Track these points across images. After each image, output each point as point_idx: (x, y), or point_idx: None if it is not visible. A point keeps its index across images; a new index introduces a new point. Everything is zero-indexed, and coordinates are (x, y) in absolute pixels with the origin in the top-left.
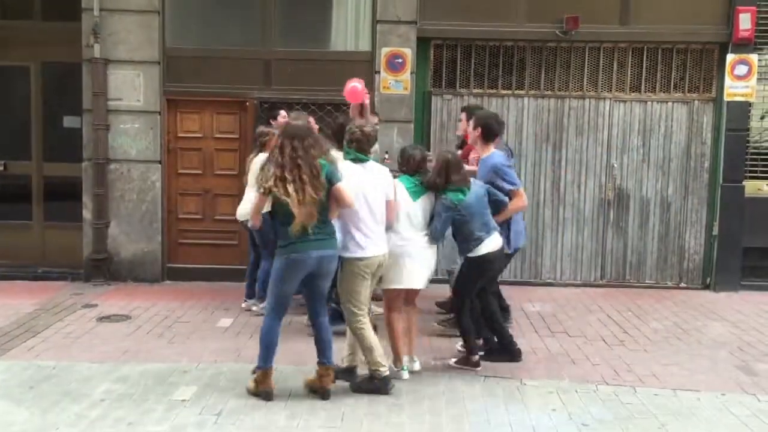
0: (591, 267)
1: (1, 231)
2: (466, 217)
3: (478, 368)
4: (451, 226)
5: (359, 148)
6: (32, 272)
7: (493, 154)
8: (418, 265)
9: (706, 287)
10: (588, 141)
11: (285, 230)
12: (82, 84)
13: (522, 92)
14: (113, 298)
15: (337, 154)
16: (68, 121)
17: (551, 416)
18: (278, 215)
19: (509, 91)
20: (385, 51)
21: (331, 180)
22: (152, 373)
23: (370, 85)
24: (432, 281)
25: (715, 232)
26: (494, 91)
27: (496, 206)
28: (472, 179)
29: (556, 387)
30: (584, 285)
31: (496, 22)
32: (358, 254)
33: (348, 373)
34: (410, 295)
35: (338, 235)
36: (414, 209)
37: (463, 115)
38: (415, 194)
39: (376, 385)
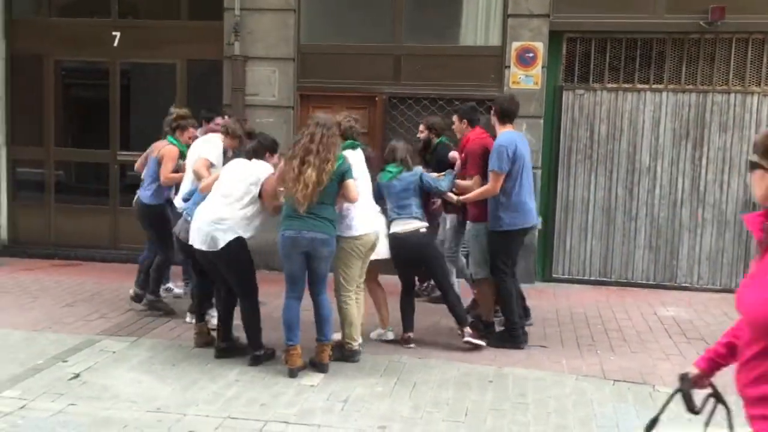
0: (732, 272)
1: None
2: (384, 194)
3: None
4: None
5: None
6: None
7: (504, 132)
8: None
9: None
10: (733, 138)
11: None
12: (222, 80)
13: (660, 86)
14: None
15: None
16: None
17: (686, 425)
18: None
19: (646, 86)
20: (515, 45)
21: (344, 175)
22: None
23: (500, 81)
24: None
25: None
26: (630, 85)
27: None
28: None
29: None
30: (724, 291)
31: (634, 14)
32: (351, 233)
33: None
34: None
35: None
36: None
37: (455, 118)
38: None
39: (344, 355)
